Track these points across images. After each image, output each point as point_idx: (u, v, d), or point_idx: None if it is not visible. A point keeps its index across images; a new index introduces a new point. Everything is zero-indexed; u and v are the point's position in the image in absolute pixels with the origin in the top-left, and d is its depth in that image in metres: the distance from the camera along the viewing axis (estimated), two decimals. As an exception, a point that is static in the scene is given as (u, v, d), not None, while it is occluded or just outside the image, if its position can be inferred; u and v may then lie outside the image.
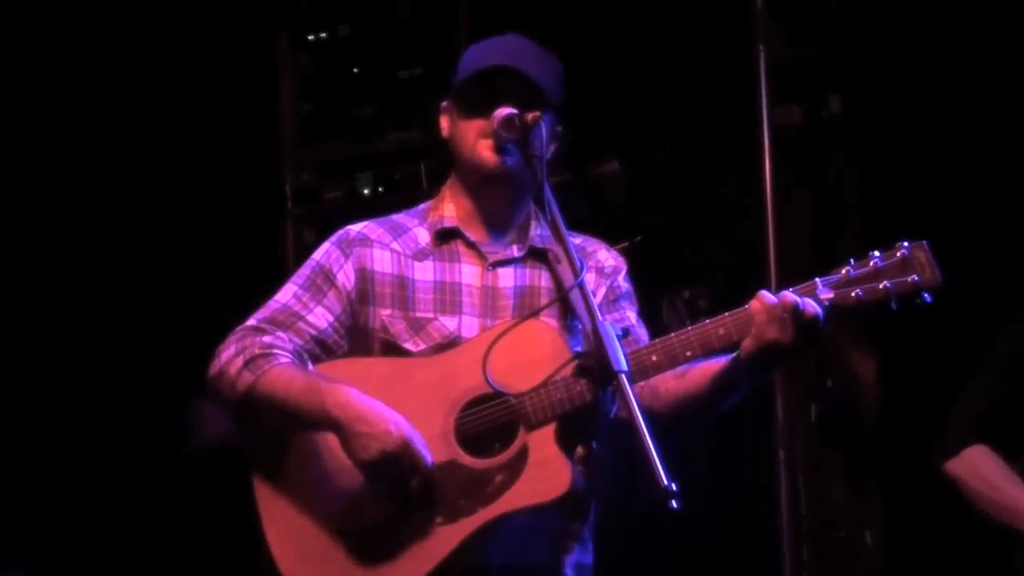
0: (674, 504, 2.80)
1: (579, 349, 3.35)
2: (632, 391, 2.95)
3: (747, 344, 3.24)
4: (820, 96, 5.62)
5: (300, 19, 6.31)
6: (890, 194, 5.48)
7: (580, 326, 3.43)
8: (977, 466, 4.22)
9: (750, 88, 5.52)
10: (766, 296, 3.23)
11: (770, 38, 5.55)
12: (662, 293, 5.78)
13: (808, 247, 5.63)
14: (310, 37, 6.32)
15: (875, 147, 5.56)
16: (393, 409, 3.27)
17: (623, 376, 2.97)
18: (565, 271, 3.46)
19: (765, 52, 5.53)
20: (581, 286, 3.18)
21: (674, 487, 2.80)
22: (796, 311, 3.19)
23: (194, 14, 6.03)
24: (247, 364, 3.33)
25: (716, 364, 3.33)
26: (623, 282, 3.62)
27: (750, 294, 3.30)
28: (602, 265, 3.60)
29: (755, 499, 5.57)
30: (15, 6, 5.86)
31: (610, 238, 3.76)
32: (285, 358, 3.35)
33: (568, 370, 3.27)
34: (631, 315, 3.59)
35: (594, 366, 3.03)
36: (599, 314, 3.11)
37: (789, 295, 3.22)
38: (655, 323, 3.66)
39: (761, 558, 5.51)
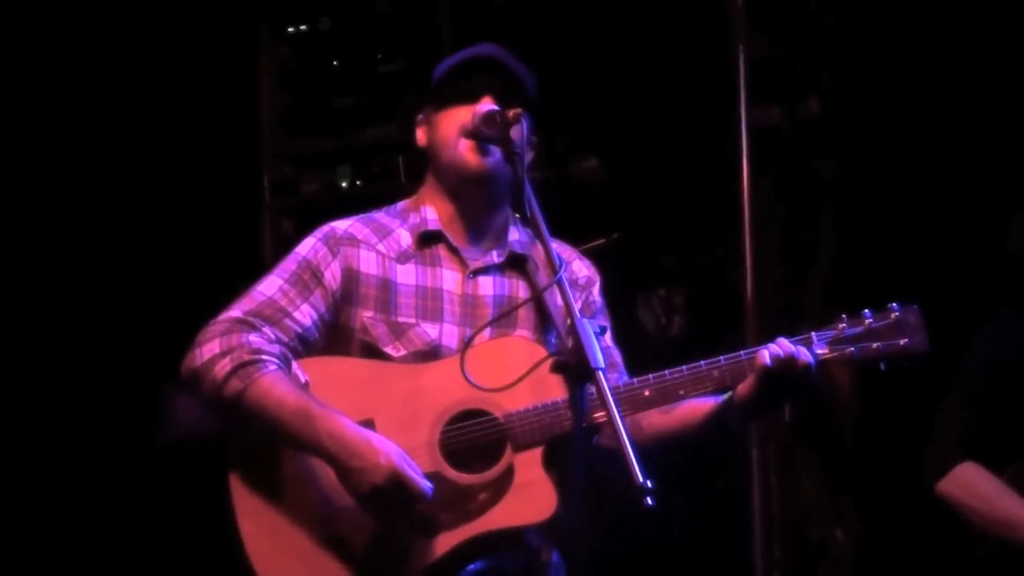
0: (649, 501, 2.80)
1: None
2: (609, 389, 2.96)
3: (743, 391, 3.30)
4: (799, 96, 5.64)
5: (281, 12, 6.30)
6: (867, 194, 5.50)
7: (554, 340, 3.45)
8: (969, 483, 4.24)
9: (729, 87, 5.54)
10: (768, 352, 3.27)
11: (750, 38, 5.57)
12: (638, 291, 5.79)
13: (785, 247, 5.65)
14: (290, 30, 6.31)
15: (853, 147, 5.58)
16: (378, 413, 3.29)
17: (600, 373, 2.96)
18: (543, 279, 3.49)
19: (744, 52, 5.54)
20: (560, 283, 3.18)
21: (649, 484, 2.80)
22: (795, 367, 3.25)
23: (174, 5, 6.01)
24: (235, 370, 3.27)
25: (706, 404, 3.38)
26: (597, 296, 3.64)
27: (726, 293, 3.33)
28: (576, 277, 3.60)
29: (728, 498, 5.59)
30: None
31: (587, 235, 3.76)
32: (273, 364, 3.31)
33: (545, 367, 3.28)
34: (607, 336, 3.59)
35: (572, 363, 3.05)
36: (577, 311, 3.09)
37: (789, 348, 3.26)
38: (630, 321, 3.67)
39: (733, 556, 5.53)
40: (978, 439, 4.26)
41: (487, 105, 3.38)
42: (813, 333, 3.34)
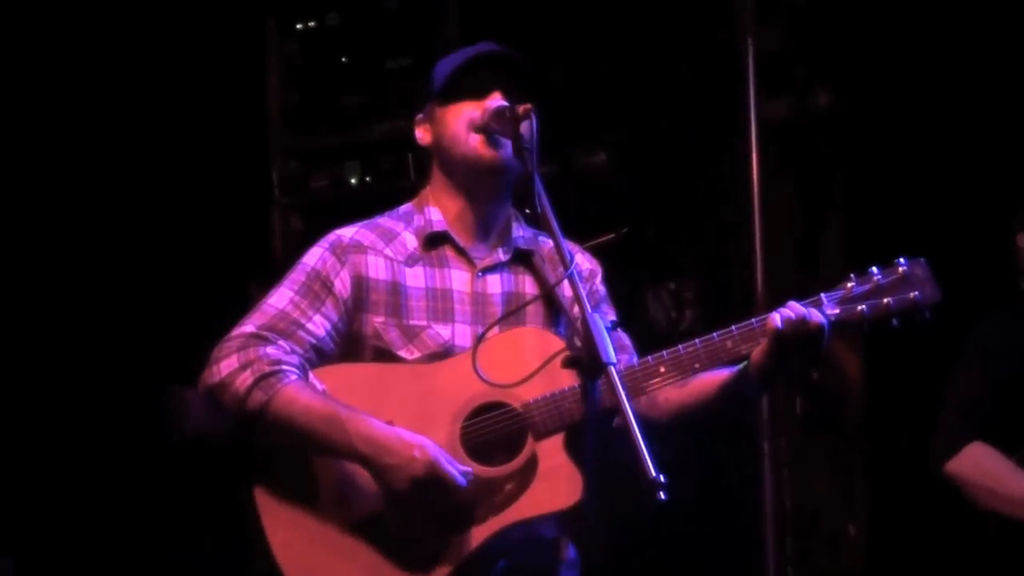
0: (662, 495, 2.80)
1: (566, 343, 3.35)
2: (621, 383, 2.96)
3: (757, 357, 3.27)
4: (808, 89, 5.64)
5: (288, 8, 6.30)
6: (876, 187, 5.49)
7: (564, 332, 3.44)
8: (979, 462, 4.25)
9: (738, 80, 5.53)
10: (780, 315, 3.24)
11: (758, 30, 5.56)
12: (648, 285, 5.78)
13: (794, 239, 5.64)
14: (298, 26, 6.31)
15: (862, 139, 5.57)
16: (395, 414, 3.28)
17: (612, 368, 2.97)
18: (549, 274, 3.49)
19: (753, 44, 5.53)
20: (571, 278, 3.17)
21: (662, 479, 2.80)
22: (807, 328, 3.22)
23: (182, 2, 6.01)
24: (257, 382, 3.27)
25: (721, 375, 3.36)
26: (600, 285, 3.63)
27: (736, 286, 3.32)
28: (580, 269, 3.59)
29: (740, 492, 5.59)
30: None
31: (596, 230, 3.76)
32: (294, 374, 3.31)
33: (558, 362, 3.28)
34: (612, 320, 3.59)
35: (583, 357, 3.04)
36: (588, 305, 3.11)
37: (800, 310, 3.24)
38: (640, 315, 3.67)
39: (745, 550, 5.52)
40: (987, 421, 4.27)
41: (496, 101, 3.39)
42: (823, 294, 3.31)
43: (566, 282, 3.20)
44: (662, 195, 5.90)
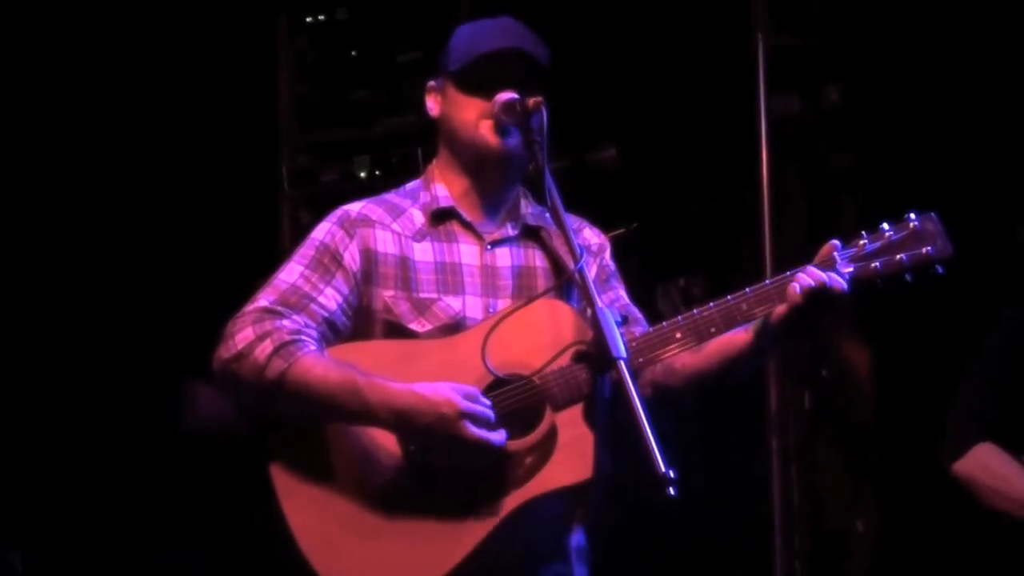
0: (671, 491, 2.80)
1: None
2: (630, 378, 2.95)
3: (776, 321, 3.26)
4: (818, 85, 5.63)
5: (298, 2, 6.31)
6: (887, 184, 5.48)
7: (577, 307, 3.44)
8: (987, 462, 4.24)
9: (748, 76, 5.52)
10: (799, 285, 3.24)
11: (769, 26, 5.55)
12: (657, 281, 5.78)
13: (804, 237, 5.64)
14: (308, 20, 6.32)
15: (873, 136, 5.57)
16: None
17: (622, 363, 2.97)
18: (561, 249, 3.48)
19: (764, 40, 5.53)
20: (581, 272, 3.17)
21: (672, 474, 2.80)
22: (826, 292, 3.23)
23: (193, -5, 6.04)
24: (277, 350, 3.25)
25: (737, 337, 3.35)
26: (610, 260, 3.63)
27: (745, 283, 3.32)
28: (588, 243, 3.60)
29: (748, 488, 5.59)
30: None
31: (605, 225, 3.76)
32: (312, 345, 3.30)
33: (569, 327, 3.28)
34: (623, 294, 3.61)
35: (593, 352, 3.04)
36: (598, 300, 3.11)
37: (818, 275, 3.25)
38: (649, 311, 3.66)
39: (753, 547, 5.52)
40: (995, 421, 4.27)
41: (507, 93, 3.38)
42: (835, 252, 3.31)
43: (584, 273, 3.20)
44: (672, 191, 5.90)
